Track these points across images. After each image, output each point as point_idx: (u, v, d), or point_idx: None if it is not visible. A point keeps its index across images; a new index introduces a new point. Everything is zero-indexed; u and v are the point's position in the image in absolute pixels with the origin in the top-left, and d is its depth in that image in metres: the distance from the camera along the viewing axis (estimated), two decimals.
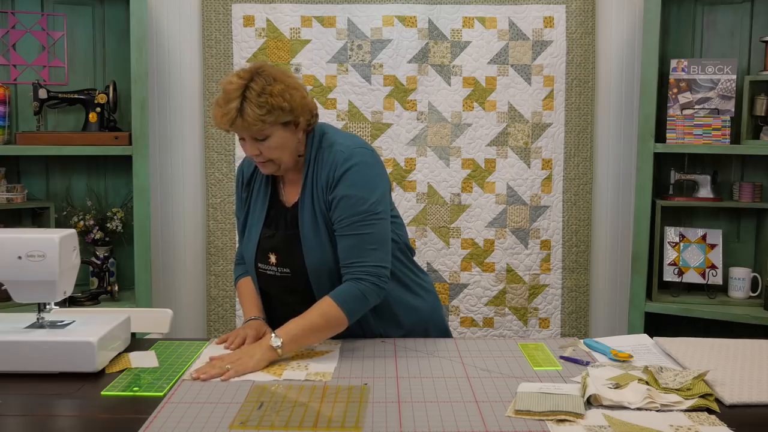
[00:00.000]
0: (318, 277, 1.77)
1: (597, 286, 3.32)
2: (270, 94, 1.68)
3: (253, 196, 1.91)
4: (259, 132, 1.70)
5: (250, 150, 1.74)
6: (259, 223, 1.86)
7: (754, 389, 1.44)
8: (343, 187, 1.74)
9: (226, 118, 1.69)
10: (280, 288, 1.85)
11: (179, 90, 3.21)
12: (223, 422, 1.30)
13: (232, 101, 1.69)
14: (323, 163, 1.79)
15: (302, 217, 1.79)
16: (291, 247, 1.80)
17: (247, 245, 1.89)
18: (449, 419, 1.33)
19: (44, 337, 1.55)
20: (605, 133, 3.26)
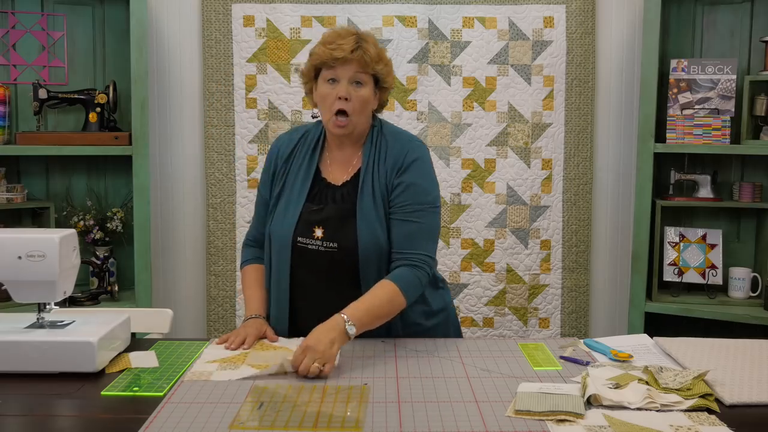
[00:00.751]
0: (367, 255, 1.78)
1: (597, 286, 3.32)
2: (382, 50, 1.84)
3: (290, 172, 1.90)
4: (364, 73, 1.78)
5: (343, 91, 1.77)
6: (301, 198, 1.85)
7: (754, 389, 1.44)
8: (411, 175, 1.82)
9: (346, 45, 1.75)
10: (321, 263, 1.82)
11: (179, 90, 3.21)
12: (223, 422, 1.30)
13: (348, 36, 1.79)
14: (389, 147, 1.86)
15: (362, 194, 1.81)
16: (343, 222, 1.81)
17: (283, 219, 1.85)
18: (449, 419, 1.33)
19: (44, 337, 1.55)
20: (605, 133, 3.26)
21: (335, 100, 1.78)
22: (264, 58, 3.14)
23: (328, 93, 1.79)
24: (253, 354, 1.68)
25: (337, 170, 1.89)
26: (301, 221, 1.83)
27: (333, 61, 1.77)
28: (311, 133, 1.95)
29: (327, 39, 1.80)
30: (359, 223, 1.80)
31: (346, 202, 1.84)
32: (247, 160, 3.17)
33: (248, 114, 3.16)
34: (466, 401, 1.41)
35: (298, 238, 1.83)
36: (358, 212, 1.81)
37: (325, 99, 1.81)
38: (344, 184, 1.87)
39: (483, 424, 1.31)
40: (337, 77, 1.79)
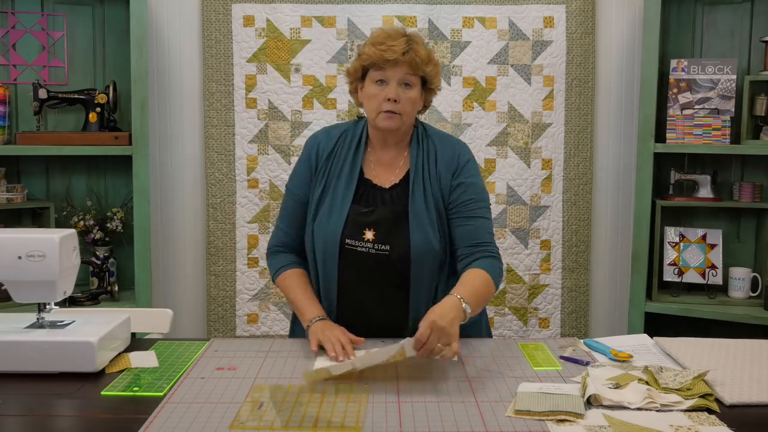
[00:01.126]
0: (419, 258, 1.78)
1: (597, 286, 3.32)
2: (430, 51, 1.83)
3: (332, 172, 1.86)
4: (414, 75, 1.78)
5: (393, 93, 1.76)
6: (346, 199, 1.82)
7: (754, 389, 1.44)
8: (468, 175, 1.85)
9: (397, 47, 1.75)
10: (370, 266, 1.80)
11: (179, 90, 3.21)
12: (223, 422, 1.30)
13: (399, 38, 1.77)
14: (437, 149, 1.86)
15: (413, 195, 1.81)
16: (395, 224, 1.79)
17: (329, 221, 1.81)
18: (449, 419, 1.33)
19: (44, 337, 1.55)
20: (605, 133, 3.26)
21: (384, 101, 1.77)
22: (264, 58, 3.14)
23: (377, 93, 1.79)
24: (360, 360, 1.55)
25: (382, 172, 1.87)
26: (350, 223, 1.80)
27: (383, 62, 1.76)
28: (350, 132, 1.91)
29: (377, 39, 1.79)
30: (412, 225, 1.78)
31: (396, 204, 1.82)
32: (247, 160, 3.17)
33: (248, 114, 3.16)
34: (466, 401, 1.41)
35: (346, 240, 1.80)
36: (410, 215, 1.79)
37: (373, 99, 1.80)
38: (393, 187, 1.85)
39: (483, 424, 1.31)
40: (386, 78, 1.78)
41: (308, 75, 3.14)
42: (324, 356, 1.66)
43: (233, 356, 1.68)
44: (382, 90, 1.78)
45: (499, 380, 1.52)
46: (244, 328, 3.21)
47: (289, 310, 3.19)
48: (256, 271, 3.20)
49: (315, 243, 1.83)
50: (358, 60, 1.83)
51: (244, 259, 3.19)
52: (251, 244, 3.19)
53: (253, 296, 3.20)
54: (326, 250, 1.81)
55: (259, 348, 1.74)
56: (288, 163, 3.16)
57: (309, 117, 3.15)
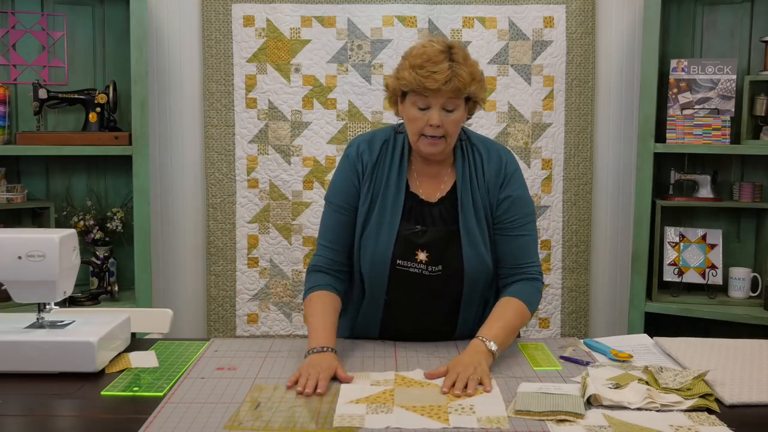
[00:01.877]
0: (473, 277, 1.74)
1: (597, 286, 3.31)
2: (473, 65, 1.69)
3: (377, 185, 1.76)
4: (457, 98, 1.65)
5: (435, 119, 1.64)
6: (395, 216, 1.74)
7: (754, 389, 1.44)
8: (515, 187, 1.78)
9: (439, 75, 1.61)
10: (422, 286, 1.75)
11: (179, 90, 3.21)
12: (222, 422, 1.30)
13: (441, 62, 1.62)
14: (483, 159, 1.79)
15: (464, 214, 1.74)
16: (447, 244, 1.73)
17: (378, 239, 1.73)
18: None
19: (44, 337, 1.55)
20: (605, 133, 3.26)
21: (426, 126, 1.67)
22: (264, 58, 3.14)
23: (419, 117, 1.67)
24: (399, 392, 1.44)
25: (427, 186, 1.79)
26: (400, 242, 1.73)
27: (424, 90, 1.64)
28: (391, 142, 1.80)
29: (417, 62, 1.64)
30: (465, 245, 1.73)
31: (447, 222, 1.75)
32: (247, 160, 3.17)
33: (248, 114, 3.16)
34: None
35: (397, 260, 1.73)
36: (462, 234, 1.74)
37: (414, 122, 1.69)
38: (440, 201, 1.77)
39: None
40: (429, 104, 1.66)
41: (308, 75, 3.14)
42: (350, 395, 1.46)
43: (233, 356, 1.68)
44: (424, 115, 1.66)
45: (499, 380, 1.52)
46: (244, 328, 3.21)
47: (289, 310, 3.20)
48: (256, 271, 3.20)
49: (362, 259, 1.76)
50: (397, 82, 1.70)
51: (244, 259, 3.19)
52: (251, 244, 3.19)
53: (253, 296, 3.20)
54: (375, 269, 1.75)
55: (259, 348, 1.74)
56: (288, 163, 3.16)
57: (309, 117, 3.15)
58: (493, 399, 1.41)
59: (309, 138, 3.15)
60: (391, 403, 1.38)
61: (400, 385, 1.48)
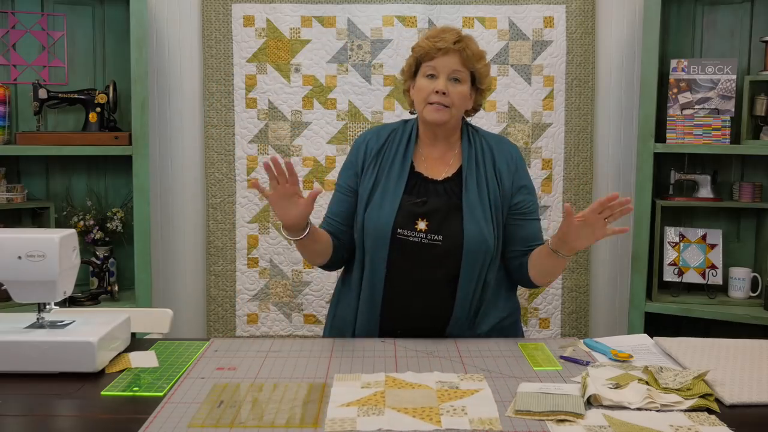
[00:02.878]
0: (472, 250, 1.80)
1: (597, 286, 3.32)
2: (482, 50, 1.89)
3: (382, 166, 1.89)
4: (463, 69, 1.82)
5: (441, 85, 1.81)
6: (398, 190, 1.85)
7: (754, 389, 1.44)
8: (524, 176, 1.93)
9: (449, 37, 1.81)
10: (421, 256, 1.82)
11: (179, 90, 3.21)
12: (221, 421, 1.30)
13: (453, 31, 1.84)
14: (492, 147, 1.92)
15: (467, 189, 1.84)
16: (449, 215, 1.83)
17: (380, 210, 1.83)
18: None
19: (44, 337, 1.55)
20: (605, 133, 3.26)
21: (432, 93, 1.82)
22: (264, 58, 3.14)
23: (426, 86, 1.83)
24: (390, 394, 1.43)
25: (433, 167, 1.91)
26: (402, 213, 1.82)
27: (435, 51, 1.81)
28: (399, 131, 1.95)
29: (431, 33, 1.86)
30: (465, 217, 1.81)
31: (450, 196, 1.85)
32: (247, 160, 3.17)
33: (248, 114, 3.16)
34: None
35: (398, 229, 1.82)
36: (464, 207, 1.83)
37: (422, 91, 1.84)
38: (446, 180, 1.88)
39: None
40: (436, 72, 1.83)
41: (308, 75, 3.14)
42: (340, 383, 1.49)
43: (233, 356, 1.68)
44: (432, 83, 1.83)
45: (499, 380, 1.52)
46: (244, 328, 3.21)
47: (289, 310, 3.20)
48: (256, 271, 3.20)
49: (365, 232, 1.85)
50: (412, 54, 1.89)
51: (244, 259, 3.20)
52: (251, 244, 3.19)
53: (253, 296, 3.20)
54: (377, 238, 1.83)
55: (259, 348, 1.74)
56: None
57: (309, 117, 3.15)
58: (485, 400, 1.41)
59: (309, 138, 3.15)
60: (382, 405, 1.37)
61: (391, 386, 1.47)
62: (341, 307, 1.98)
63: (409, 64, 1.91)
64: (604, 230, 1.64)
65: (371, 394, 1.43)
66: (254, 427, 1.28)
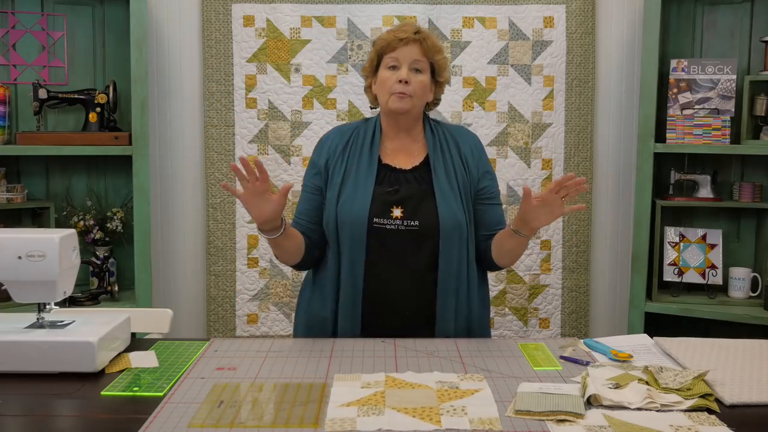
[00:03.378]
0: (448, 232, 1.85)
1: (597, 286, 3.32)
2: (440, 44, 1.94)
3: (350, 162, 1.93)
4: (424, 60, 1.88)
5: (404, 74, 1.86)
6: (369, 182, 1.88)
7: (754, 389, 1.44)
8: (487, 162, 2.00)
9: (409, 28, 1.88)
10: (399, 243, 1.85)
11: (179, 90, 3.21)
12: (221, 421, 1.30)
13: (413, 24, 1.92)
14: (455, 135, 1.98)
15: (437, 175, 1.90)
16: (422, 201, 1.87)
17: (353, 202, 1.86)
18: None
19: (44, 337, 1.55)
20: (605, 133, 3.26)
21: (395, 83, 1.87)
22: (264, 58, 3.14)
23: (389, 77, 1.88)
24: (390, 394, 1.42)
25: (399, 158, 1.95)
26: (376, 202, 1.86)
27: (397, 42, 1.87)
28: (362, 128, 1.99)
29: (392, 28, 1.94)
30: (439, 201, 1.86)
31: (421, 183, 1.90)
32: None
33: (248, 114, 3.16)
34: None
35: (374, 219, 1.85)
36: (436, 191, 1.88)
37: (385, 82, 1.89)
38: (414, 169, 1.93)
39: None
40: (398, 62, 1.88)
41: (308, 75, 3.14)
42: (340, 383, 1.49)
43: (233, 356, 1.68)
44: (394, 73, 1.88)
45: (499, 380, 1.52)
46: (244, 328, 3.21)
47: (290, 310, 3.20)
48: (256, 271, 3.20)
49: (340, 225, 1.87)
50: (374, 48, 1.94)
51: (244, 259, 3.20)
52: (251, 244, 3.19)
53: (253, 296, 3.20)
54: (354, 230, 1.85)
55: (259, 348, 1.74)
56: (288, 163, 3.16)
57: (309, 117, 3.15)
58: (485, 400, 1.40)
59: (309, 138, 3.15)
60: (382, 405, 1.37)
61: (391, 386, 1.47)
62: (315, 308, 1.97)
63: (371, 59, 1.96)
64: (562, 209, 1.73)
65: (371, 394, 1.43)
66: (254, 427, 1.28)
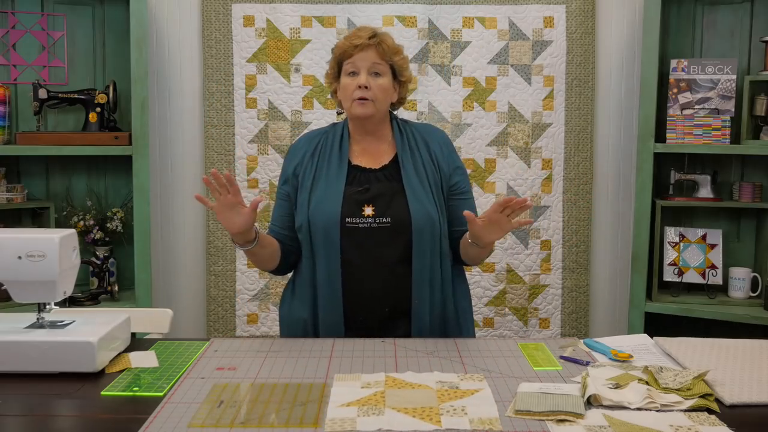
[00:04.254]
0: (420, 227, 1.87)
1: (597, 286, 3.32)
2: (398, 45, 1.97)
3: (319, 165, 1.95)
4: (382, 63, 1.90)
5: (363, 80, 1.88)
6: (339, 182, 1.91)
7: (754, 389, 1.44)
8: (457, 158, 2.02)
9: (363, 34, 1.89)
10: (372, 241, 1.87)
11: (179, 90, 3.21)
12: (221, 421, 1.30)
13: (368, 29, 1.92)
14: (422, 133, 2.00)
15: (406, 173, 1.92)
16: (392, 198, 1.90)
17: (325, 203, 1.88)
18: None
19: (44, 337, 1.55)
20: (605, 133, 3.26)
21: (355, 89, 1.89)
22: (264, 58, 3.14)
23: (349, 83, 1.90)
24: (390, 394, 1.42)
25: (368, 159, 1.97)
26: (347, 202, 1.88)
27: (352, 48, 1.89)
28: (330, 133, 2.01)
29: (348, 34, 1.95)
30: (409, 197, 1.88)
31: (391, 181, 1.92)
32: (247, 160, 3.17)
33: (248, 114, 3.16)
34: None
35: (346, 218, 1.87)
36: (406, 188, 1.90)
37: (346, 89, 1.91)
38: (383, 168, 1.95)
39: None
40: (356, 68, 1.90)
41: (308, 75, 3.14)
42: (340, 383, 1.50)
43: (233, 356, 1.68)
44: (354, 79, 1.90)
45: (499, 380, 1.52)
46: (244, 328, 3.21)
47: None
48: (256, 271, 3.20)
49: (313, 227, 1.89)
50: (333, 56, 1.97)
51: (244, 259, 3.19)
52: None
53: (253, 296, 3.21)
54: (326, 230, 1.87)
55: (259, 348, 1.74)
56: None
57: (309, 117, 3.15)
58: (485, 400, 1.40)
59: None
60: (382, 405, 1.37)
61: (391, 386, 1.47)
62: (295, 311, 1.99)
63: (332, 66, 1.98)
64: (510, 224, 1.75)
65: (371, 394, 1.43)
66: (254, 427, 1.28)
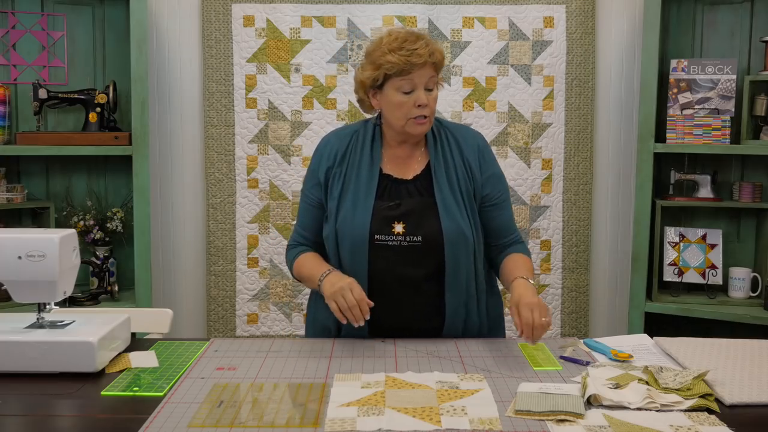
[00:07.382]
0: (453, 244, 1.78)
1: (597, 286, 3.32)
2: (441, 48, 1.84)
3: (349, 171, 1.85)
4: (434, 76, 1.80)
5: (423, 99, 1.77)
6: (369, 195, 1.81)
7: (754, 389, 1.44)
8: (492, 165, 1.91)
9: (421, 50, 1.74)
10: (402, 259, 1.79)
11: (179, 90, 3.21)
12: (221, 421, 1.30)
13: (417, 41, 1.76)
14: (457, 138, 1.90)
15: (439, 185, 1.83)
16: (424, 214, 1.80)
17: (354, 218, 1.80)
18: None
19: (44, 337, 1.55)
20: (605, 133, 3.26)
21: (414, 108, 1.77)
22: (264, 58, 3.14)
23: (405, 101, 1.77)
24: (390, 394, 1.42)
25: (400, 167, 1.87)
26: (376, 218, 1.79)
27: (411, 67, 1.74)
28: (361, 132, 1.91)
29: (394, 46, 1.75)
30: (442, 214, 1.80)
31: (423, 195, 1.83)
32: (247, 160, 3.17)
33: (248, 114, 3.16)
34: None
35: (375, 235, 1.79)
36: (438, 204, 1.80)
37: (400, 107, 1.78)
38: (415, 178, 1.85)
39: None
40: (414, 86, 1.77)
41: (308, 75, 3.14)
42: (340, 382, 1.50)
43: (233, 356, 1.68)
44: (410, 97, 1.77)
45: (499, 380, 1.52)
46: (244, 328, 3.21)
47: (290, 310, 3.20)
48: (256, 271, 3.20)
49: (341, 241, 1.81)
50: (381, 69, 1.77)
51: (244, 259, 3.20)
52: (251, 244, 3.19)
53: (253, 296, 3.21)
54: (355, 247, 1.79)
55: (259, 348, 1.74)
56: (288, 163, 3.16)
57: (309, 117, 3.15)
58: (485, 400, 1.40)
59: (309, 138, 3.15)
60: (382, 405, 1.37)
61: (391, 386, 1.47)
62: (319, 318, 1.93)
63: (375, 77, 1.79)
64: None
65: (371, 394, 1.43)
66: (254, 427, 1.28)
